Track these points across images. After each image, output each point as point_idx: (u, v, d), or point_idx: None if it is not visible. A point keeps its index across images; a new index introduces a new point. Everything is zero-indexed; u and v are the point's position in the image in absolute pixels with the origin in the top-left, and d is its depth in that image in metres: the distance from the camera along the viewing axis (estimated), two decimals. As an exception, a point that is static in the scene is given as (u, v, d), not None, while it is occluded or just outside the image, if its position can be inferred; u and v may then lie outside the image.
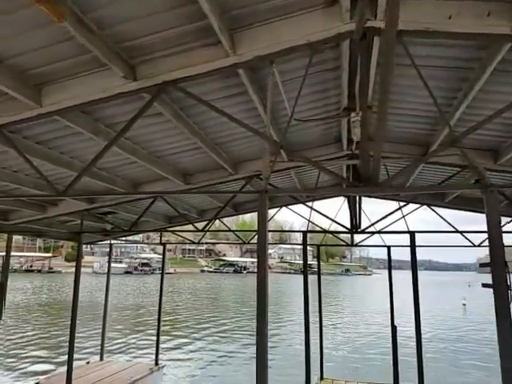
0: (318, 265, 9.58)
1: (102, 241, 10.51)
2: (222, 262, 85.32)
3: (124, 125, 3.63)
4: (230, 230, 9.36)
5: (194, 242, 10.45)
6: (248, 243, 10.03)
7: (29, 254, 71.55)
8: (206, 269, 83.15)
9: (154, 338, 9.82)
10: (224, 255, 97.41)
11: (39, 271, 65.05)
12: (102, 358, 9.79)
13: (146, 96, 3.65)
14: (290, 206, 9.33)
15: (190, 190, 6.66)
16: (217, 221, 9.92)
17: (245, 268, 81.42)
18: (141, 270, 70.32)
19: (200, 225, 9.56)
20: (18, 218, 7.29)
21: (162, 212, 9.25)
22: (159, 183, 6.64)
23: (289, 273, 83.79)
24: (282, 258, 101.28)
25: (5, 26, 2.71)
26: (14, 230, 7.50)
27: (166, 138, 4.97)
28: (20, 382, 10.13)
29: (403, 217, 7.94)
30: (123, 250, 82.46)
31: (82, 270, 9.48)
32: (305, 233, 7.29)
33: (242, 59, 3.16)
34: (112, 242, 10.38)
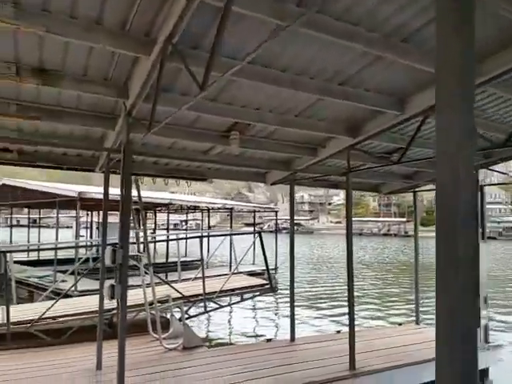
0: None
1: (403, 190, 9.05)
2: None
3: None
4: None
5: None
6: None
7: (385, 219, 77.94)
8: None
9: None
10: None
11: (395, 235, 69.19)
12: (417, 323, 8.46)
13: None
14: None
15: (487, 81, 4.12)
16: None
17: None
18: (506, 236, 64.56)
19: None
20: (296, 165, 7.16)
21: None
22: (429, 92, 4.50)
23: None
24: None
25: None
26: (295, 178, 7.44)
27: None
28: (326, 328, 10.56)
29: None
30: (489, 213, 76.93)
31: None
32: None
33: None
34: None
